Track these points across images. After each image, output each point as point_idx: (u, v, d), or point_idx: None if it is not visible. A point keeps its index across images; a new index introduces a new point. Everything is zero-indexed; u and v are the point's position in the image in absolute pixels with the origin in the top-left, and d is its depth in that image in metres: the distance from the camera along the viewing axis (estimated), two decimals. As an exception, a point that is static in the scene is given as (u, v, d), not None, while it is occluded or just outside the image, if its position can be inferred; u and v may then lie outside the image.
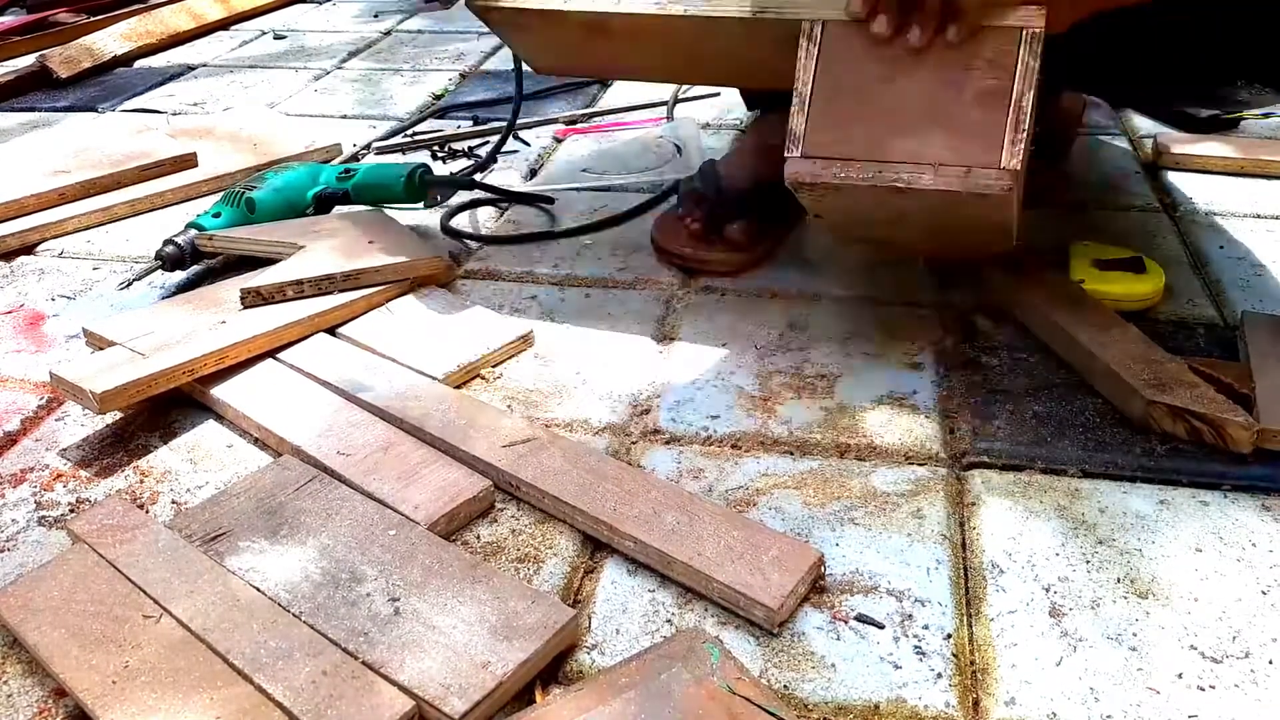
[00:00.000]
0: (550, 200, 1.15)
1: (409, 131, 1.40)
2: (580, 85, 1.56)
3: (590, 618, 0.62)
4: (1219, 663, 0.57)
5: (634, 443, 0.77)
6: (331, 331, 0.89)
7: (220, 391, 0.81)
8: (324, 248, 0.95)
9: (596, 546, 0.67)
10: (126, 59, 1.78)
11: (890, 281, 0.97)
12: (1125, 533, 0.66)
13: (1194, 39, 0.71)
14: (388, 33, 1.93)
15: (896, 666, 0.58)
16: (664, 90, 1.49)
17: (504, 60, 1.71)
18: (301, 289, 0.90)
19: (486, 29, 0.94)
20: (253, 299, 0.88)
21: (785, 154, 0.74)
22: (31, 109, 1.56)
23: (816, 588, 0.63)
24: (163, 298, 0.98)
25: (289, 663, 0.56)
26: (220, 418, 0.81)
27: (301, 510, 0.68)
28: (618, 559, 0.66)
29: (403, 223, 1.04)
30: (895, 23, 0.71)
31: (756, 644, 0.59)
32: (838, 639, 0.59)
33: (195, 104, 1.56)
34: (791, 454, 0.74)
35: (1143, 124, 1.33)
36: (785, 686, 0.56)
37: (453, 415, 0.77)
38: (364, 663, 0.56)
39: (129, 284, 0.99)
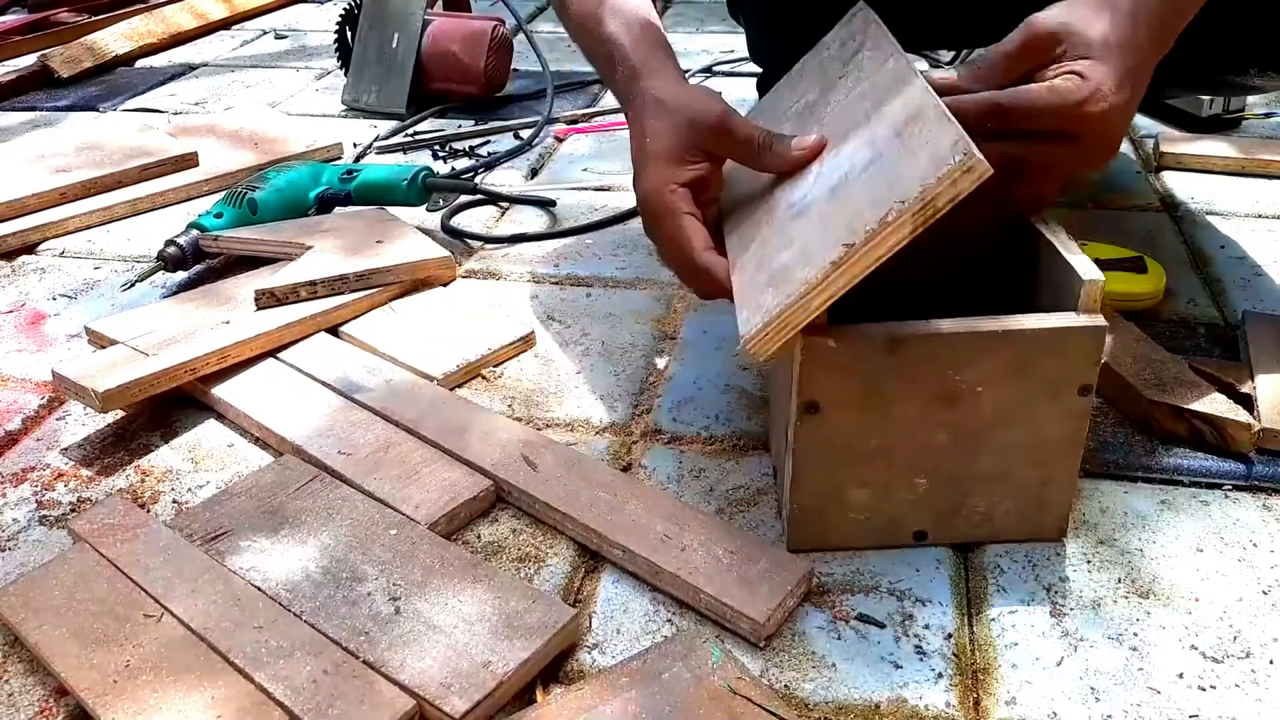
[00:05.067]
0: (552, 203, 1.15)
1: (410, 131, 1.40)
2: (581, 85, 1.56)
3: (591, 617, 0.62)
4: (1220, 663, 0.57)
5: (634, 442, 0.77)
6: (333, 331, 0.89)
7: (221, 391, 0.81)
8: (332, 248, 0.95)
9: (597, 546, 0.67)
10: (128, 58, 1.78)
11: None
12: (1126, 532, 0.66)
13: (1208, 25, 0.70)
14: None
15: (897, 666, 0.58)
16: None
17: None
18: (315, 290, 0.89)
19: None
20: (267, 300, 0.88)
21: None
22: (33, 108, 1.56)
23: (817, 589, 0.63)
24: (164, 297, 0.98)
25: (290, 661, 0.56)
26: (221, 417, 0.81)
27: (302, 510, 0.68)
28: (618, 558, 0.66)
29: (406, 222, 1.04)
30: None
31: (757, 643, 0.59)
32: (838, 638, 0.59)
33: (196, 103, 1.57)
34: (792, 454, 0.74)
35: (1143, 124, 1.33)
36: (786, 686, 0.56)
37: (448, 419, 0.76)
38: (365, 662, 0.56)
39: (131, 285, 0.99)
